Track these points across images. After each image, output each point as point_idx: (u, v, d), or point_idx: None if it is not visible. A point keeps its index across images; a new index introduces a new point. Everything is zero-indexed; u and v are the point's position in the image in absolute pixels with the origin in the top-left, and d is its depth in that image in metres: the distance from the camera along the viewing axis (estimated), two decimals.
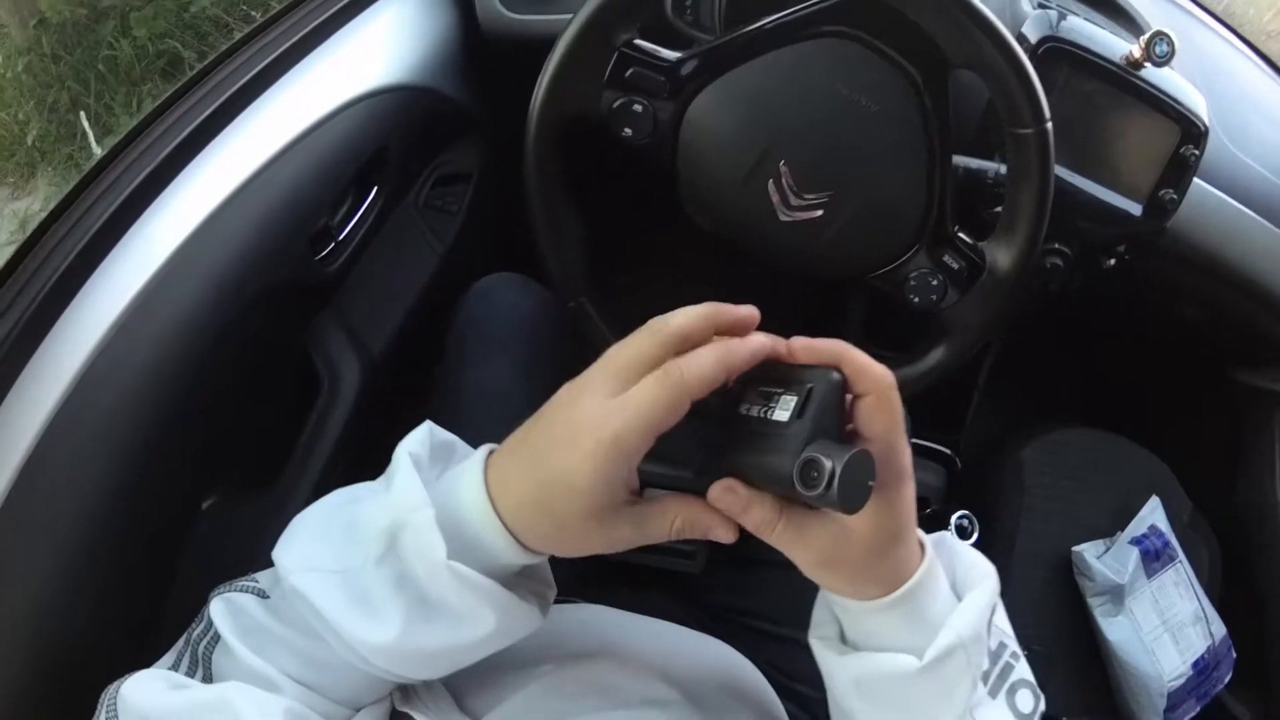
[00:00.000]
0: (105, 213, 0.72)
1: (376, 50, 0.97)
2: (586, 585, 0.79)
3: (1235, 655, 1.36)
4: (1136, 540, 1.32)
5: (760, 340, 0.48)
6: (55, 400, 0.66)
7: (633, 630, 0.77)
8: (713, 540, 0.50)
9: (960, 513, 1.40)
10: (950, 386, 1.14)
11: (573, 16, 0.69)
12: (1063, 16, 0.95)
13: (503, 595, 0.48)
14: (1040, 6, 0.97)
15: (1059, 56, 0.93)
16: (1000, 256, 0.73)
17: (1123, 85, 0.94)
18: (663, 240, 0.90)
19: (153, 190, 0.75)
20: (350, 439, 0.98)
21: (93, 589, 0.69)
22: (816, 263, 0.76)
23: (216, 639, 0.50)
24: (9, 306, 0.68)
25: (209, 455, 0.83)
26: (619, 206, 0.88)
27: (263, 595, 0.51)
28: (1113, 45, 0.94)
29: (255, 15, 2.76)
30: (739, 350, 0.46)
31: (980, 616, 0.53)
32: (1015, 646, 0.59)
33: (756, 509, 0.47)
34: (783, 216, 0.73)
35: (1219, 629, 1.35)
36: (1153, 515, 1.36)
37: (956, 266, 0.74)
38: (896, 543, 0.50)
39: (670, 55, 0.71)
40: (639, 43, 0.71)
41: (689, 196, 0.75)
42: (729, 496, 0.47)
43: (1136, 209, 0.98)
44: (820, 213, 0.72)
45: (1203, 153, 0.97)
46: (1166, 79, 0.95)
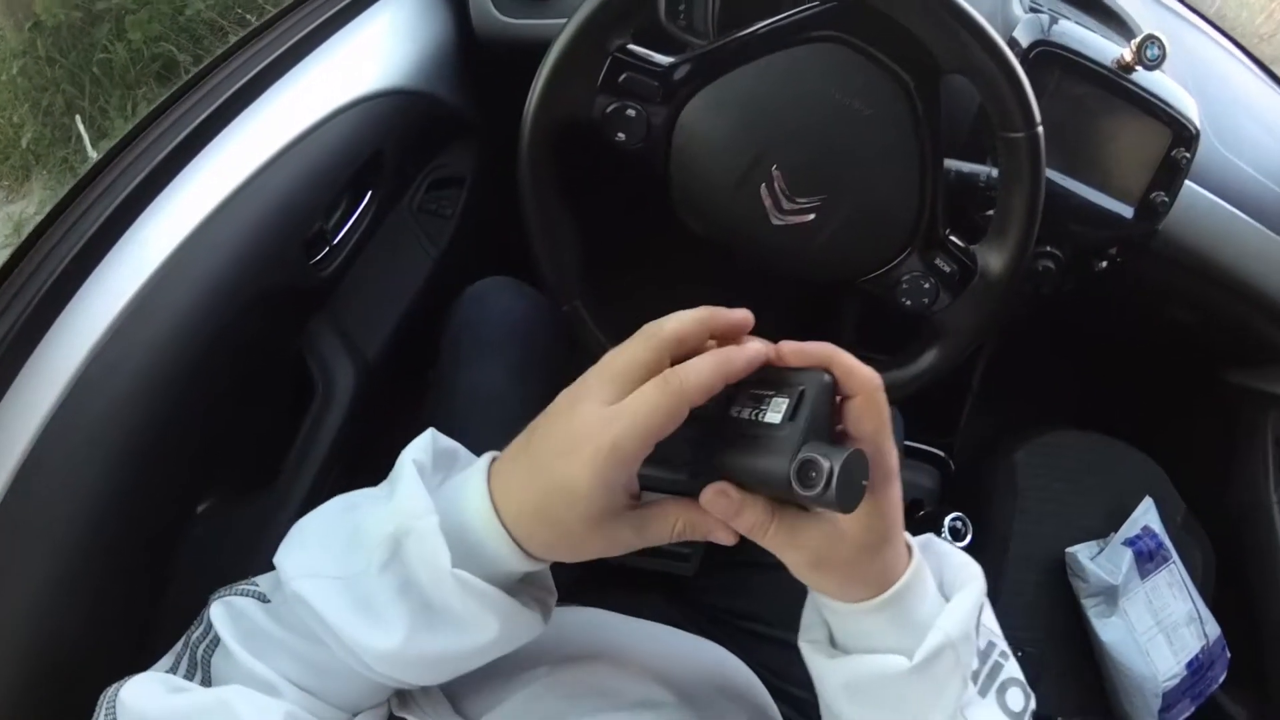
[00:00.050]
0: (100, 217, 0.72)
1: (371, 54, 0.97)
2: (582, 588, 0.79)
3: (1230, 655, 1.36)
4: (1130, 541, 1.32)
5: (757, 347, 0.48)
6: (51, 404, 0.66)
7: (628, 632, 0.77)
8: (712, 542, 0.50)
9: (954, 515, 1.40)
10: (943, 389, 1.15)
11: (567, 21, 0.69)
12: (1054, 20, 0.95)
13: (506, 602, 0.49)
14: (1032, 10, 0.98)
15: (1050, 60, 0.93)
16: (992, 260, 0.74)
17: (1114, 89, 0.94)
18: (656, 244, 0.90)
19: (148, 195, 0.75)
20: (345, 443, 0.98)
21: (89, 592, 0.69)
22: (809, 266, 0.76)
23: (216, 642, 0.50)
24: (4, 310, 0.68)
25: (204, 459, 0.83)
26: (612, 211, 0.88)
27: (263, 599, 0.51)
28: (1104, 49, 0.94)
29: (250, 19, 2.76)
30: (736, 358, 0.47)
31: (969, 616, 0.53)
32: (1004, 645, 0.59)
33: (749, 512, 0.47)
34: (775, 220, 0.73)
35: (1213, 629, 1.35)
36: (1146, 516, 1.36)
37: (948, 270, 0.74)
38: (886, 543, 0.50)
39: (663, 60, 0.71)
40: (632, 48, 0.71)
41: (682, 201, 0.75)
42: (721, 500, 0.47)
43: (1128, 212, 0.99)
44: (812, 217, 0.72)
45: (1194, 155, 0.97)
46: (1158, 82, 0.96)
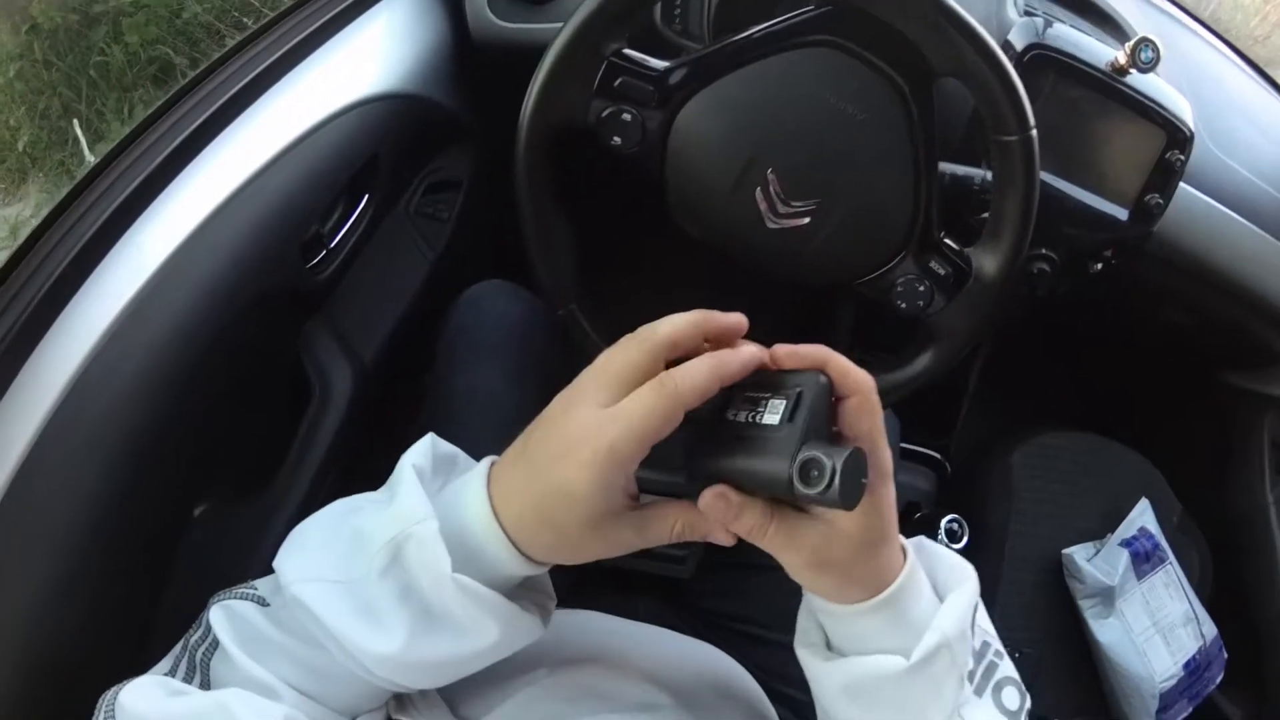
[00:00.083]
0: (98, 220, 0.72)
1: (368, 58, 0.97)
2: (579, 591, 0.80)
3: (1226, 655, 1.37)
4: (1126, 542, 1.33)
5: (752, 350, 0.48)
6: (49, 407, 0.66)
7: (625, 635, 0.78)
8: (711, 543, 0.51)
9: (950, 516, 1.40)
10: (940, 391, 1.15)
11: (563, 26, 0.69)
12: (1049, 24, 0.95)
13: (506, 607, 0.49)
14: (1026, 14, 0.98)
15: (1045, 63, 0.93)
16: (986, 262, 0.74)
17: (1108, 91, 0.95)
18: (652, 248, 0.90)
19: (145, 198, 0.75)
20: (342, 446, 0.98)
21: (87, 594, 0.70)
22: (804, 269, 0.76)
23: (215, 645, 0.50)
24: (2, 313, 0.68)
25: (201, 462, 0.83)
26: (608, 214, 0.88)
27: (263, 603, 0.51)
28: (1098, 52, 0.95)
29: (247, 22, 2.75)
30: (731, 361, 0.47)
31: (964, 615, 0.53)
32: (998, 645, 0.59)
33: (748, 514, 0.47)
34: (770, 224, 0.73)
35: (1210, 630, 1.35)
36: (1142, 517, 1.36)
37: (943, 272, 0.74)
38: (883, 542, 0.50)
39: (659, 64, 0.71)
40: (628, 52, 0.71)
41: (677, 204, 0.75)
42: (720, 503, 0.47)
43: (1123, 214, 0.99)
44: (807, 220, 0.73)
45: (1188, 158, 0.97)
46: (1152, 85, 0.96)
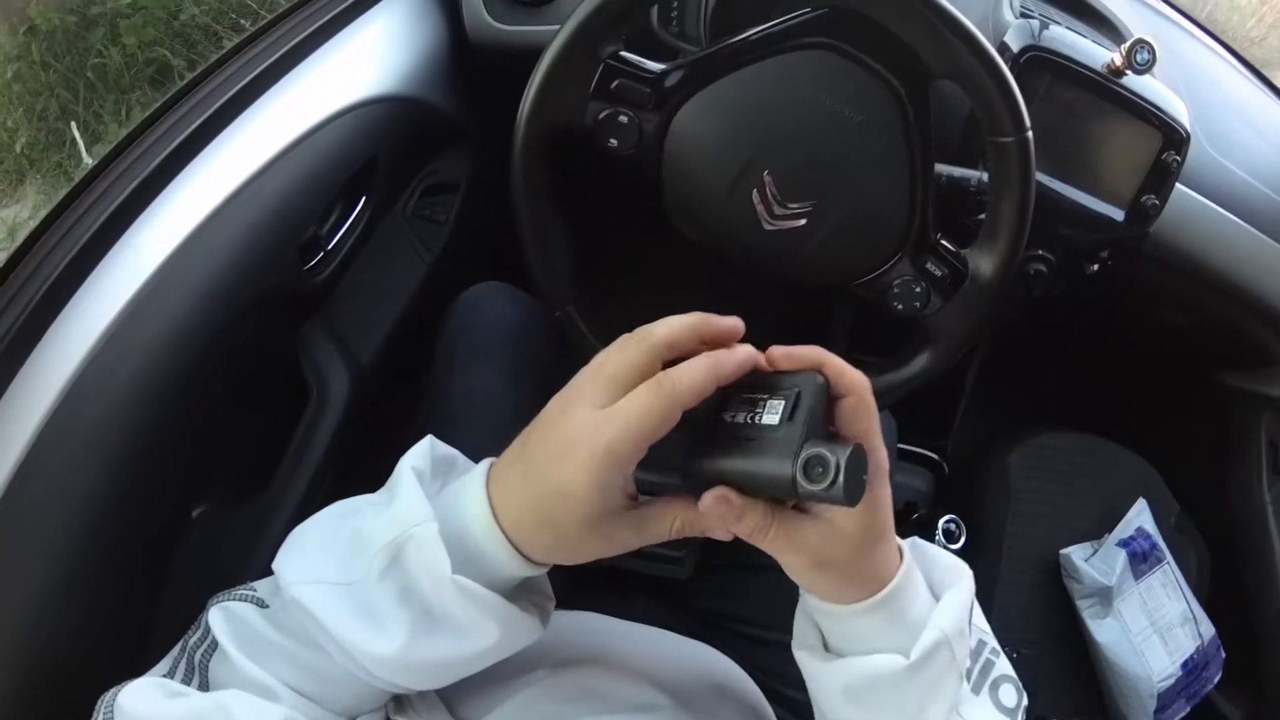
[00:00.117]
0: (96, 222, 0.72)
1: (365, 61, 0.97)
2: (576, 592, 0.80)
3: (1224, 655, 1.37)
4: (1124, 542, 1.33)
5: (748, 350, 0.49)
6: (46, 409, 0.66)
7: (624, 636, 0.78)
8: (709, 544, 0.51)
9: (948, 517, 1.41)
10: (937, 392, 1.15)
11: (560, 28, 0.69)
12: (1045, 26, 0.96)
13: (506, 608, 0.49)
14: (1022, 15, 0.98)
15: (1041, 65, 0.93)
16: (983, 263, 0.74)
17: (1104, 93, 0.95)
18: (649, 250, 0.90)
19: (143, 200, 0.75)
20: (339, 447, 0.98)
21: (85, 596, 0.70)
22: (801, 271, 0.76)
23: (214, 647, 0.50)
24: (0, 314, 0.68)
25: (199, 463, 0.83)
26: (605, 216, 0.88)
27: (262, 604, 0.51)
28: (1094, 53, 0.95)
29: (245, 24, 2.76)
30: (728, 361, 0.47)
31: (962, 613, 0.53)
32: (994, 643, 0.60)
33: (750, 516, 0.47)
34: (767, 226, 0.73)
35: (1208, 629, 1.36)
36: (1140, 518, 1.37)
37: (939, 274, 0.74)
38: (881, 540, 0.51)
39: (655, 67, 0.71)
40: (625, 54, 0.71)
41: (674, 206, 0.75)
42: (722, 505, 0.47)
43: (1119, 215, 0.99)
44: (804, 222, 0.73)
45: (1184, 159, 0.98)
46: (1148, 86, 0.96)
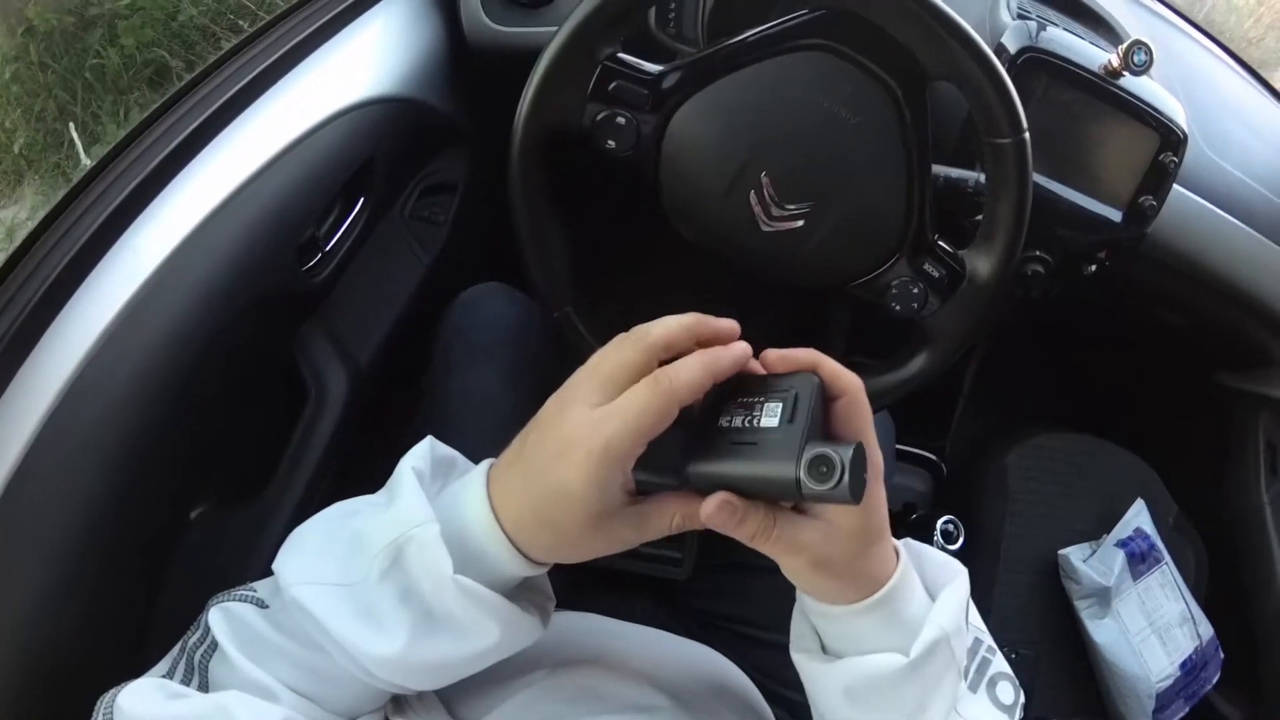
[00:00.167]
0: (94, 223, 0.72)
1: (364, 62, 0.97)
2: (575, 593, 0.80)
3: (1223, 655, 1.37)
4: (1122, 543, 1.33)
5: (743, 347, 0.49)
6: (44, 410, 0.66)
7: (623, 636, 0.78)
8: (708, 538, 0.51)
9: (946, 518, 1.41)
10: (935, 393, 1.15)
11: (557, 30, 0.69)
12: (1042, 27, 0.96)
13: (507, 608, 0.49)
14: (1020, 17, 0.98)
15: (1038, 66, 0.93)
16: (980, 264, 0.74)
17: (1101, 94, 0.95)
18: (647, 251, 0.90)
19: (141, 201, 0.75)
20: (337, 448, 0.98)
21: (84, 597, 0.70)
22: (798, 272, 0.76)
23: (214, 647, 0.50)
24: None
25: (198, 464, 0.83)
26: (603, 217, 0.88)
27: (261, 605, 0.51)
28: (1091, 55, 0.95)
29: (243, 25, 2.76)
30: (723, 357, 0.47)
31: (959, 610, 0.54)
32: (990, 641, 0.60)
33: (752, 519, 0.47)
34: (764, 227, 0.73)
35: (1206, 630, 1.36)
36: (1138, 518, 1.37)
37: (937, 275, 0.74)
38: (878, 539, 0.51)
39: (653, 68, 0.71)
40: (622, 56, 0.71)
41: (672, 208, 0.75)
42: (725, 510, 0.47)
43: (1117, 216, 0.99)
44: (801, 223, 0.73)
45: (1182, 160, 0.98)
46: (1145, 87, 0.96)
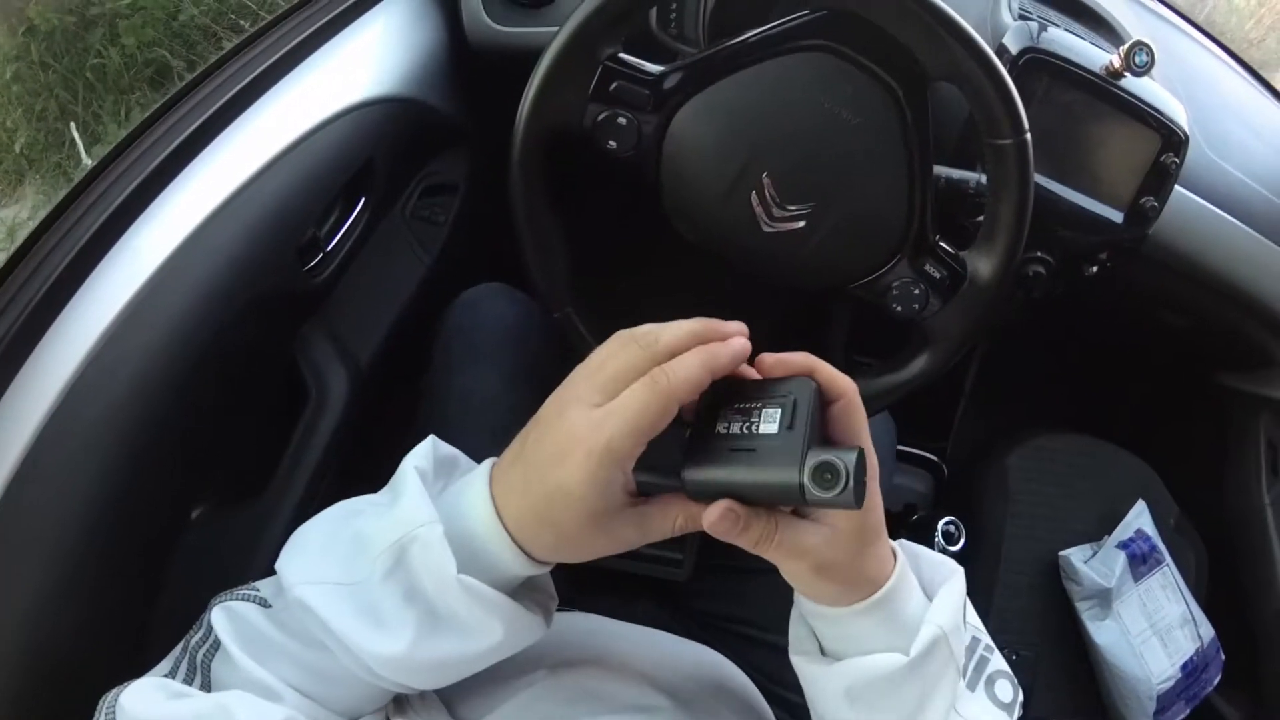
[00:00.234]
0: (95, 223, 0.72)
1: (365, 62, 0.97)
2: (575, 593, 0.80)
3: (1224, 657, 1.37)
4: (1123, 544, 1.33)
5: (742, 342, 0.48)
6: (45, 410, 0.66)
7: (623, 637, 0.78)
8: (708, 545, 0.51)
9: (947, 519, 1.41)
10: (936, 394, 1.15)
11: (558, 30, 0.69)
12: (1043, 28, 0.96)
13: (510, 607, 0.49)
14: (1021, 17, 0.98)
15: (1039, 67, 0.93)
16: (981, 265, 0.74)
17: (1103, 95, 0.95)
18: (648, 251, 0.90)
19: (142, 201, 0.75)
20: (338, 448, 0.98)
21: (85, 597, 0.70)
22: (799, 273, 0.76)
23: (216, 647, 0.50)
24: None
25: (198, 464, 0.83)
26: (604, 218, 0.88)
27: (264, 604, 0.51)
28: (1093, 56, 0.95)
29: (244, 25, 2.76)
30: (722, 353, 0.47)
31: (956, 609, 0.54)
32: (988, 640, 0.60)
33: (755, 526, 0.47)
34: (765, 228, 0.73)
35: (1207, 631, 1.36)
36: (1139, 519, 1.37)
37: (938, 275, 0.74)
38: (877, 538, 0.51)
39: (654, 69, 0.71)
40: (623, 56, 0.71)
41: (673, 208, 0.75)
42: (727, 520, 0.47)
43: (1118, 217, 0.99)
44: (802, 224, 0.73)
45: (1183, 160, 0.98)
46: (1146, 88, 0.96)
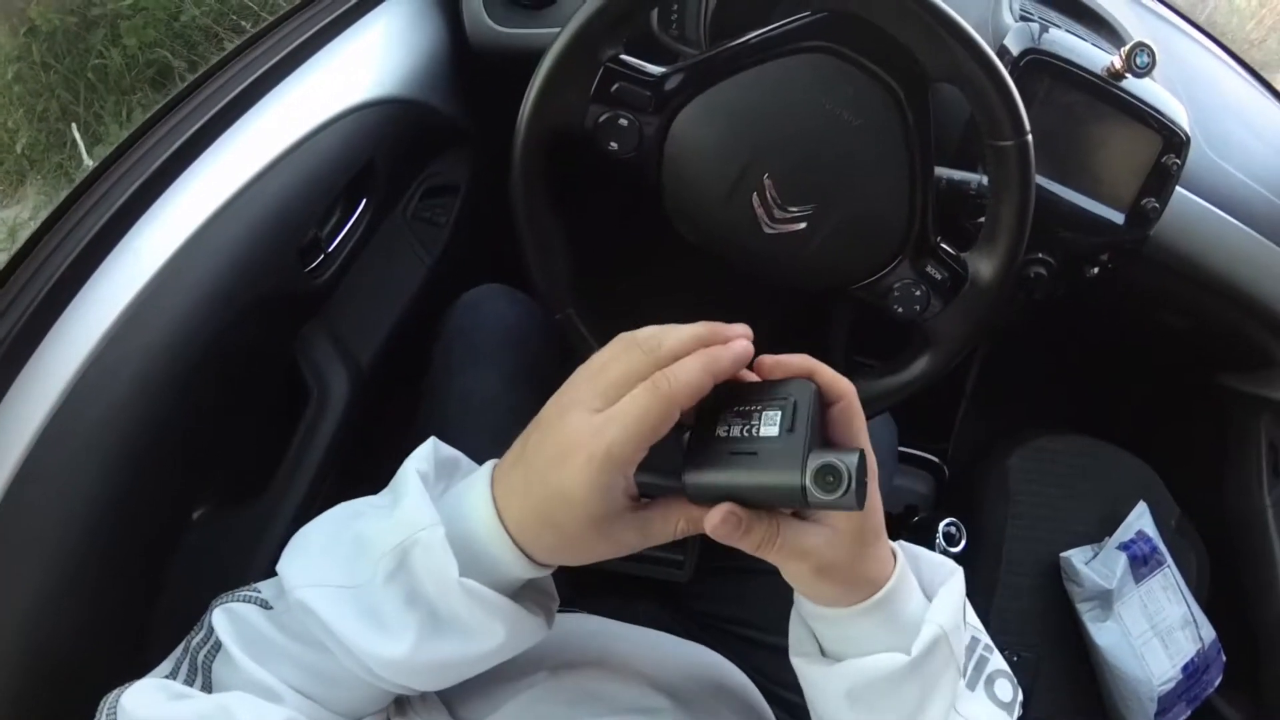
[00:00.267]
0: (96, 224, 0.72)
1: (366, 63, 0.97)
2: (576, 595, 0.80)
3: (1225, 659, 1.36)
4: (1124, 546, 1.33)
5: (744, 345, 0.48)
6: (46, 411, 0.66)
7: (624, 638, 0.77)
8: (705, 549, 0.51)
9: (948, 520, 1.40)
10: (937, 395, 1.15)
11: (560, 31, 0.69)
12: (1044, 28, 0.96)
13: (512, 609, 0.49)
14: (1022, 19, 0.98)
15: (1040, 68, 0.93)
16: (982, 267, 0.74)
17: (1104, 96, 0.95)
18: (649, 252, 0.90)
19: (143, 202, 0.75)
20: (339, 449, 0.98)
21: (85, 597, 0.70)
22: (801, 274, 0.76)
23: (217, 648, 0.50)
24: (0, 316, 0.68)
25: (199, 465, 0.83)
26: (605, 219, 0.88)
27: (265, 606, 0.51)
28: (1094, 57, 0.95)
29: (245, 26, 2.76)
30: (723, 357, 0.47)
31: (956, 608, 0.54)
32: (987, 639, 0.60)
33: (757, 529, 0.47)
34: (767, 229, 0.73)
35: (1208, 633, 1.35)
36: (1140, 521, 1.36)
37: (939, 277, 0.74)
38: (877, 539, 0.51)
39: (655, 70, 0.71)
40: (625, 58, 0.71)
41: (674, 209, 0.75)
42: (729, 523, 0.47)
43: (1119, 218, 0.99)
44: (804, 225, 0.73)
45: (1184, 161, 0.97)
46: (1147, 89, 0.96)
